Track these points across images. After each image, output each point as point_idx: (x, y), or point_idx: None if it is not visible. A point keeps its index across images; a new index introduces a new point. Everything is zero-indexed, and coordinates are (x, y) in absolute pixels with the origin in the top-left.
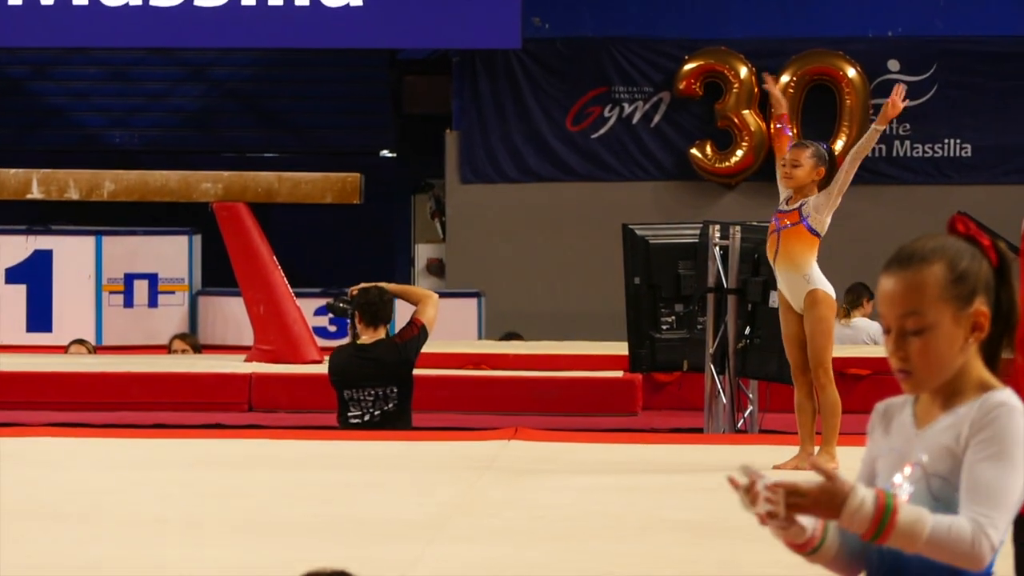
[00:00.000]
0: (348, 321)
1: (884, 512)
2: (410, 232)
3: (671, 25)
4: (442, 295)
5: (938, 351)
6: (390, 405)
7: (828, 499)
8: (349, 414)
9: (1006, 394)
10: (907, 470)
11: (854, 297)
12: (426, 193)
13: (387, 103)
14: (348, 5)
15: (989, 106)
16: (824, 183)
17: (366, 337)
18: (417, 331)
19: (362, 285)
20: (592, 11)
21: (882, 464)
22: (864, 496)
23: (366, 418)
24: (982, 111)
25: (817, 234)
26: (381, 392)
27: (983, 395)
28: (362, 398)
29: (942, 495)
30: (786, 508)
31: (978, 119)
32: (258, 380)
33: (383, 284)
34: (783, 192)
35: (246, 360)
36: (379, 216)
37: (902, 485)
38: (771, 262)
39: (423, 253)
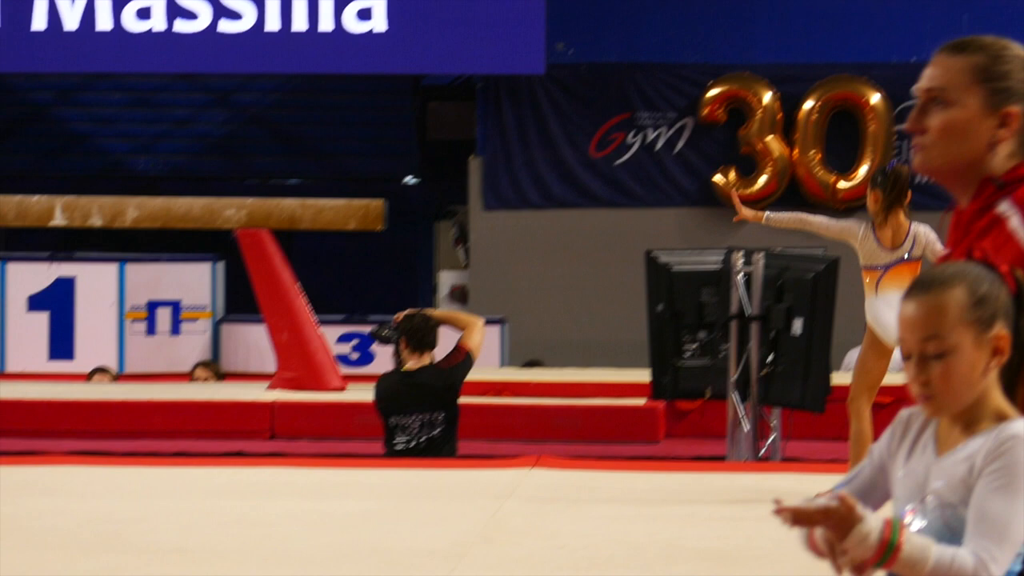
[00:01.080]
0: (392, 348)
1: (888, 544)
2: (433, 259)
3: (694, 51)
4: None
5: (960, 374)
6: (436, 431)
7: (837, 523)
8: (395, 440)
9: (1021, 425)
10: (928, 499)
11: None
12: (449, 219)
13: (411, 129)
14: (372, 31)
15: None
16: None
17: (411, 363)
18: (463, 357)
19: (407, 311)
20: (616, 37)
21: (900, 487)
22: (872, 526)
23: (412, 444)
24: None
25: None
26: (427, 418)
27: (999, 425)
28: (408, 424)
29: (956, 525)
30: (794, 525)
31: None
32: (280, 408)
33: (428, 310)
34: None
35: (269, 388)
36: (402, 243)
37: (915, 513)
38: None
39: (446, 280)
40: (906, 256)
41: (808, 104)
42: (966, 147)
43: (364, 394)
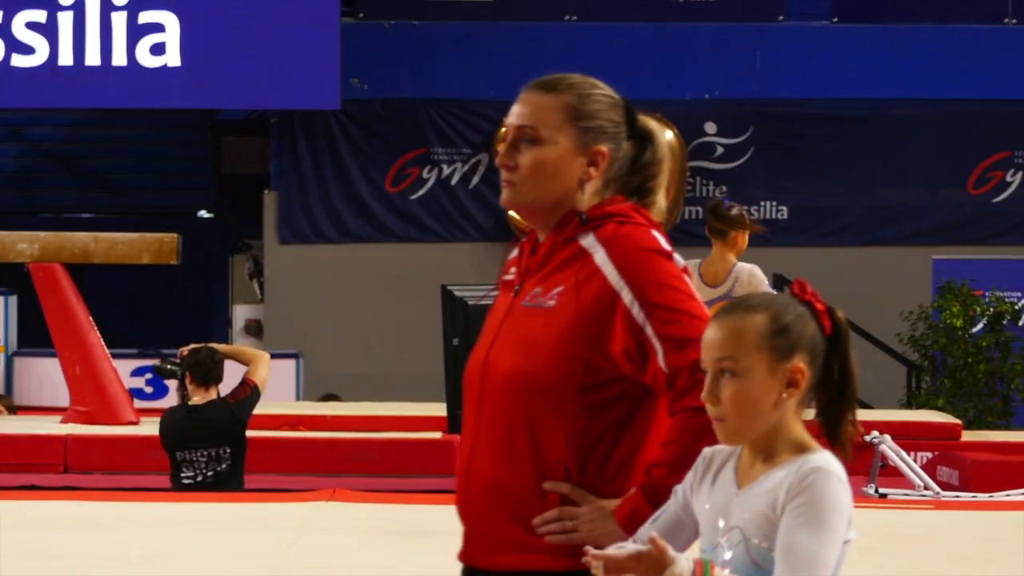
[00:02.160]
0: (178, 383)
1: None
2: (228, 292)
3: (489, 87)
4: None
5: (749, 399)
6: (223, 466)
7: (648, 567)
8: (182, 475)
9: (823, 458)
10: (732, 533)
11: None
12: (244, 254)
13: (205, 163)
14: (166, 65)
15: (805, 168)
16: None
17: (197, 398)
18: (249, 391)
19: (192, 346)
20: (411, 73)
21: (703, 521)
22: (683, 568)
23: (199, 479)
24: (798, 173)
25: None
26: (214, 453)
27: (801, 458)
28: (195, 459)
29: (761, 560)
30: (607, 574)
31: (794, 181)
32: (74, 442)
33: (213, 344)
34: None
35: (62, 421)
36: (197, 277)
37: (721, 546)
38: None
39: (241, 314)
40: (727, 294)
41: None
42: (556, 184)
43: (157, 428)
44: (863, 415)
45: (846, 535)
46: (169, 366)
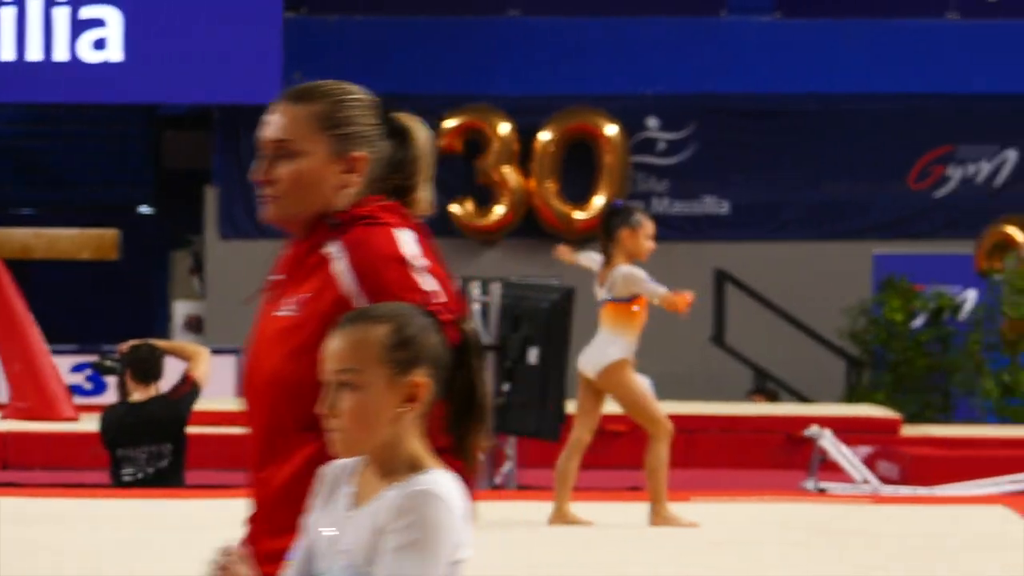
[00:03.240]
0: (118, 379)
1: None
2: (168, 288)
3: (432, 81)
4: None
5: (366, 412)
6: (164, 463)
7: None
8: (122, 472)
9: (431, 479)
10: (340, 558)
11: None
12: (185, 249)
13: (146, 158)
14: (107, 61)
15: (747, 164)
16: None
17: (138, 395)
18: (190, 387)
19: (132, 342)
20: (353, 67)
21: (320, 544)
22: None
23: (140, 476)
24: (740, 169)
25: None
26: (155, 450)
27: (412, 478)
28: (136, 456)
29: None
30: None
31: (736, 176)
32: (13, 438)
33: (153, 341)
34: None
35: (1, 418)
36: (137, 272)
37: (331, 570)
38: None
39: (181, 310)
40: (608, 296)
41: (544, 135)
42: (317, 195)
43: (96, 424)
44: (803, 409)
45: (453, 556)
46: (109, 363)
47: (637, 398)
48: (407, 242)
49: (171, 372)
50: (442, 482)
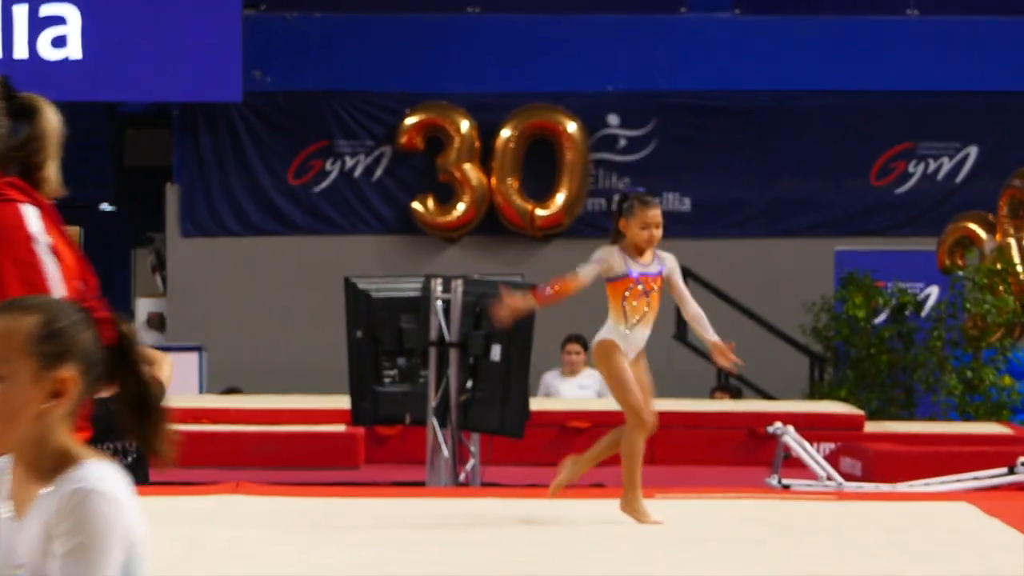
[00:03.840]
0: None
1: None
2: (130, 286)
3: (392, 80)
4: (162, 349)
5: (10, 405)
6: (128, 459)
7: None
8: None
9: (85, 474)
10: (21, 571)
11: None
12: (146, 247)
13: (107, 156)
14: (67, 58)
15: (708, 160)
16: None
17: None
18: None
19: None
20: (314, 65)
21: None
22: None
23: None
24: (701, 165)
25: None
26: (120, 446)
27: (66, 475)
28: (102, 453)
29: None
30: None
31: (697, 173)
32: None
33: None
34: (633, 257)
35: None
36: (98, 270)
37: None
38: (640, 323)
39: (143, 307)
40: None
41: (505, 132)
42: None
43: None
44: (766, 406)
45: (127, 541)
46: None
47: (616, 382)
48: (32, 218)
49: None
50: (96, 473)
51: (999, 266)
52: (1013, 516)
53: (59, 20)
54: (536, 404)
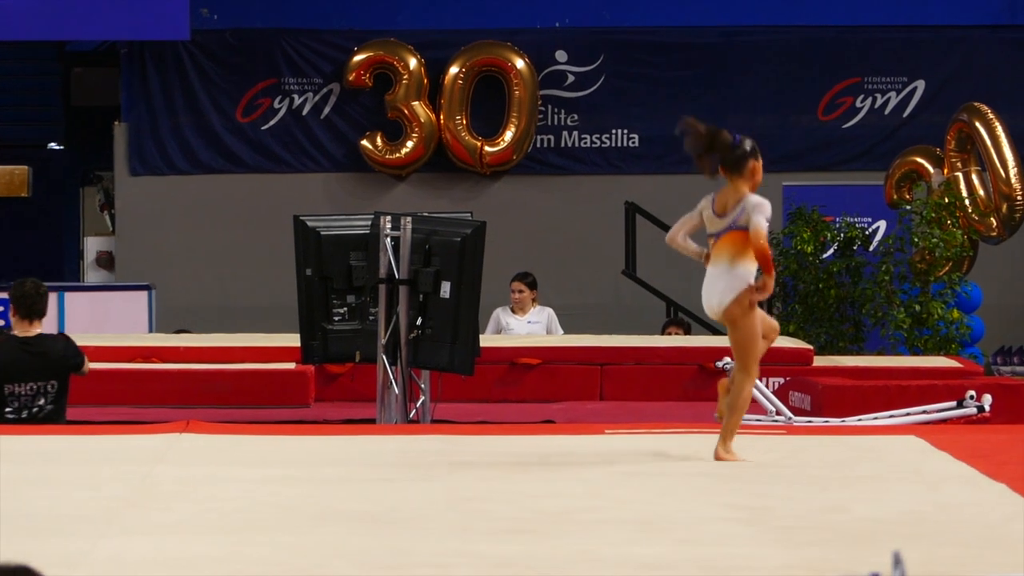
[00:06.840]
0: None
1: None
2: (79, 224)
3: (340, 17)
4: (112, 288)
5: None
6: (48, 401)
7: None
8: (5, 409)
9: None
10: None
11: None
12: (95, 186)
13: (55, 95)
14: None
15: (656, 96)
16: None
17: (19, 331)
18: (83, 355)
19: (20, 280)
20: (261, 3)
21: None
22: None
23: (24, 414)
24: (649, 101)
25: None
26: (40, 387)
27: None
28: (22, 393)
29: None
30: None
31: (645, 109)
32: None
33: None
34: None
35: None
36: (48, 209)
37: None
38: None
39: (92, 246)
40: (732, 225)
41: (453, 69)
42: None
43: None
44: (715, 341)
45: None
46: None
47: (753, 334)
48: None
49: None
50: None
51: (946, 200)
52: (962, 449)
53: None
54: (486, 341)
